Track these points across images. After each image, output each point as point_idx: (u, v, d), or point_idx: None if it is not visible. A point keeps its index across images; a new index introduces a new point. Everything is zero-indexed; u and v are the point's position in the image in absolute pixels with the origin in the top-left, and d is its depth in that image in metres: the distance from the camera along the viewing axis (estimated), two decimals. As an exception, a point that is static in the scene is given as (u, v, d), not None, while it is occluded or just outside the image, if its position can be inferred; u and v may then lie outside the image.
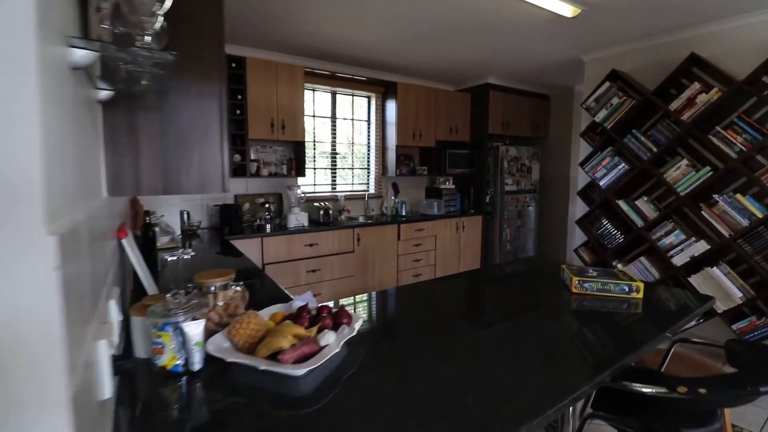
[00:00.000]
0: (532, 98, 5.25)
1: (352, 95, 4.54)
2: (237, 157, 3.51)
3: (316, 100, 4.30)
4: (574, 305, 1.61)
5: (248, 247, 3.32)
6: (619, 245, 3.48)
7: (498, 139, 5.08)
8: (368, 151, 4.75)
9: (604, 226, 3.63)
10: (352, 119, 4.59)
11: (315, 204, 4.02)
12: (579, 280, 1.72)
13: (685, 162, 3.06)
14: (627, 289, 1.67)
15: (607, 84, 3.48)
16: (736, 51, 2.92)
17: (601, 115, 3.49)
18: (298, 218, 3.70)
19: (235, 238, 3.27)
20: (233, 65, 3.37)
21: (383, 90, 4.56)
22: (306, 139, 4.08)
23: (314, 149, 4.36)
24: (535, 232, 5.32)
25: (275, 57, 3.80)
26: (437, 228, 4.56)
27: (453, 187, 4.97)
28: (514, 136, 5.17)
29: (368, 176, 4.79)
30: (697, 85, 2.96)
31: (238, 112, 3.45)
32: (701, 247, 2.98)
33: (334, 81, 4.28)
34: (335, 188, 4.55)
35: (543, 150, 5.50)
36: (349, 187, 4.66)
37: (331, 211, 3.93)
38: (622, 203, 3.42)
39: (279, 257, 3.50)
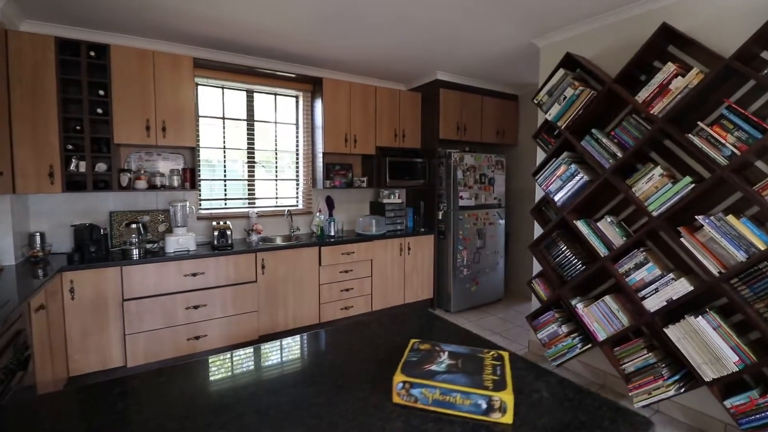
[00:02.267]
0: (496, 98, 4.50)
1: (275, 94, 3.86)
2: (101, 166, 2.84)
3: (226, 100, 3.64)
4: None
5: (104, 279, 2.63)
6: (581, 278, 2.67)
7: (455, 145, 4.33)
8: (297, 159, 4.05)
9: (562, 252, 2.83)
10: (275, 122, 3.91)
11: (213, 223, 3.32)
12: (404, 383, 0.96)
13: (658, 171, 2.26)
14: (484, 407, 0.90)
15: (561, 72, 2.72)
16: (722, 20, 2.15)
17: (554, 111, 2.73)
18: (180, 241, 3.00)
19: (85, 268, 2.58)
20: (91, 54, 2.73)
21: (311, 88, 3.87)
22: (203, 145, 3.41)
23: (224, 157, 3.67)
24: (502, 255, 4.52)
25: (159, 46, 3.14)
26: (374, 250, 3.80)
27: (400, 201, 4.22)
28: (475, 142, 4.42)
29: (297, 189, 4.09)
30: (671, 67, 2.18)
31: (99, 111, 2.79)
32: (681, 287, 2.17)
33: (249, 77, 3.61)
34: (254, 203, 3.84)
35: (511, 158, 4.72)
36: (273, 202, 3.95)
37: (229, 232, 3.22)
38: (581, 224, 2.63)
39: (146, 291, 2.79)
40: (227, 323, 3.07)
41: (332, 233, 3.78)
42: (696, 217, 2.09)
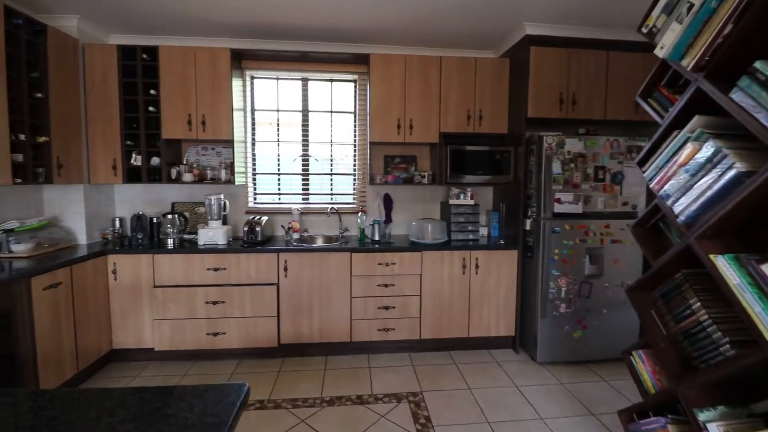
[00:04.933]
0: (631, 53, 2.94)
1: (330, 80, 3.52)
2: (155, 160, 3.09)
3: (280, 90, 3.50)
4: None
5: (139, 265, 2.84)
6: (725, 372, 1.32)
7: (556, 126, 3.07)
8: (355, 152, 3.60)
9: (692, 313, 1.47)
10: (331, 111, 3.56)
11: (248, 217, 3.23)
12: None
13: None
14: None
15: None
16: None
17: (673, 38, 1.41)
18: (211, 234, 3.00)
19: (124, 252, 2.84)
20: (144, 56, 2.97)
21: (366, 69, 3.35)
22: (258, 139, 3.35)
23: (279, 151, 3.56)
24: (635, 290, 2.95)
25: (205, 43, 3.22)
26: (424, 263, 3.02)
27: (472, 203, 3.25)
28: (592, 120, 3.01)
29: (354, 185, 3.64)
30: None
31: (151, 109, 3.02)
32: None
33: (302, 64, 3.39)
34: (307, 199, 3.61)
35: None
36: (328, 198, 3.63)
37: (258, 228, 3.05)
38: (726, 264, 1.28)
39: (174, 281, 2.88)
40: (245, 324, 2.91)
41: (376, 237, 3.18)
42: None
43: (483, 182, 3.19)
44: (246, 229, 3.04)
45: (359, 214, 3.30)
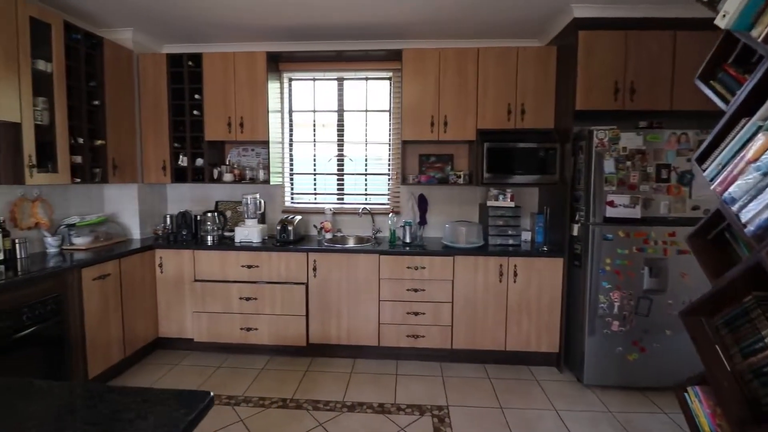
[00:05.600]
0: (702, 32, 2.49)
1: (365, 78, 3.46)
2: (199, 161, 3.27)
3: (316, 91, 3.53)
4: None
5: (181, 259, 3.02)
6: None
7: (609, 119, 2.72)
8: (390, 151, 3.51)
9: (763, 341, 1.18)
10: (366, 110, 3.50)
11: (283, 216, 3.28)
12: None
13: None
14: None
15: None
16: None
17: (736, 5, 1.13)
18: (246, 232, 3.10)
19: (168, 247, 3.03)
20: (190, 63, 3.14)
21: (400, 65, 3.25)
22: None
23: (315, 151, 3.58)
24: (708, 310, 2.51)
25: (245, 47, 3.32)
26: (457, 268, 2.84)
27: (512, 205, 3.01)
28: (655, 111, 2.62)
29: (389, 185, 3.55)
30: None
31: (196, 112, 3.19)
32: None
33: (338, 63, 3.38)
34: (342, 199, 3.60)
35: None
36: (363, 199, 3.58)
37: (291, 227, 3.09)
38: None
39: (211, 275, 3.01)
40: (275, 322, 2.96)
41: (407, 239, 3.06)
42: None
43: (525, 182, 2.93)
44: (279, 228, 3.09)
45: (390, 215, 3.20)
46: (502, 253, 2.82)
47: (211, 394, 0.96)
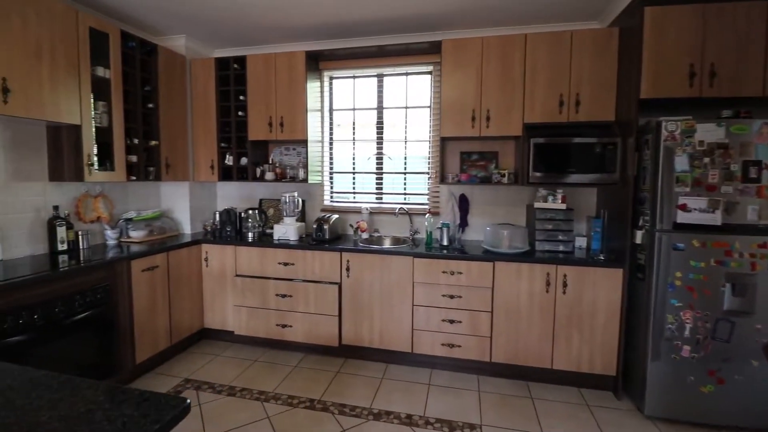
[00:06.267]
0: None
1: (406, 74, 3.34)
2: (244, 160, 3.38)
3: (356, 89, 3.48)
4: None
5: (224, 254, 3.14)
6: None
7: (692, 109, 2.33)
8: (430, 149, 3.36)
9: None
10: (406, 107, 3.38)
11: (320, 215, 3.27)
12: None
13: None
14: None
15: None
16: None
17: None
18: (284, 230, 3.14)
19: (213, 243, 3.17)
20: (235, 66, 3.26)
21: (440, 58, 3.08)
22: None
23: (354, 150, 3.54)
24: (814, 340, 2.05)
25: (288, 48, 3.36)
26: (497, 275, 2.62)
27: (563, 207, 2.71)
28: (746, 98, 2.18)
29: (428, 185, 3.40)
30: None
31: (240, 113, 3.30)
32: None
33: (378, 60, 3.30)
34: (381, 198, 3.52)
35: None
36: (402, 198, 3.47)
37: (326, 226, 3.07)
38: None
39: (251, 271, 3.09)
40: (309, 320, 2.96)
41: (445, 242, 2.89)
42: None
43: (578, 182, 2.62)
44: (315, 226, 3.09)
45: (426, 215, 3.05)
46: (549, 261, 2.55)
47: (188, 401, 0.91)
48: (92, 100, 2.47)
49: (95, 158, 2.52)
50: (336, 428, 2.21)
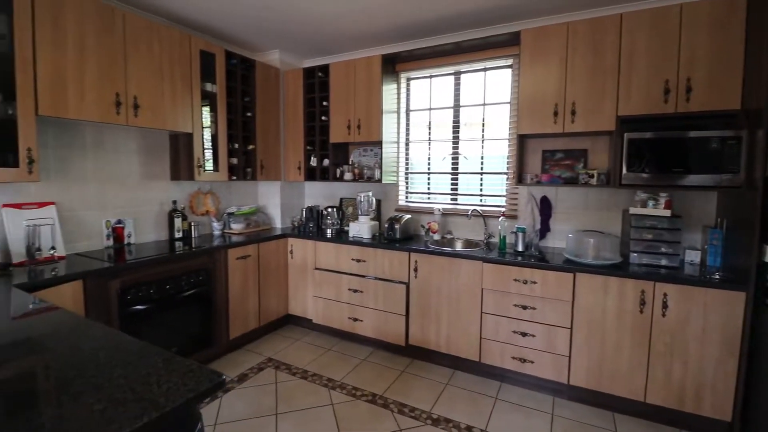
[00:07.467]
0: None
1: (484, 69, 3.18)
2: (326, 161, 3.62)
3: (433, 88, 3.43)
4: None
5: (305, 248, 3.41)
6: None
7: None
8: (508, 147, 3.14)
9: None
10: (483, 104, 3.22)
11: (396, 216, 3.32)
12: None
13: None
14: None
15: None
16: None
17: None
18: (358, 228, 3.28)
19: (296, 237, 3.47)
20: (320, 74, 3.50)
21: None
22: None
23: (429, 150, 3.51)
24: None
25: (368, 53, 3.47)
26: (578, 288, 2.35)
27: (666, 213, 2.30)
28: None
29: (507, 186, 3.18)
30: None
31: (323, 118, 3.54)
32: None
33: (455, 57, 3.22)
34: (456, 199, 3.43)
35: None
36: (478, 200, 3.33)
37: (398, 226, 3.11)
38: None
39: (328, 265, 3.30)
40: (377, 317, 3.04)
41: (520, 247, 2.69)
42: None
43: (687, 185, 2.19)
44: (386, 225, 3.16)
45: (500, 218, 2.87)
46: (646, 276, 2.18)
47: (223, 376, 1.03)
48: (203, 112, 2.91)
49: (204, 161, 2.97)
50: (393, 426, 2.24)
